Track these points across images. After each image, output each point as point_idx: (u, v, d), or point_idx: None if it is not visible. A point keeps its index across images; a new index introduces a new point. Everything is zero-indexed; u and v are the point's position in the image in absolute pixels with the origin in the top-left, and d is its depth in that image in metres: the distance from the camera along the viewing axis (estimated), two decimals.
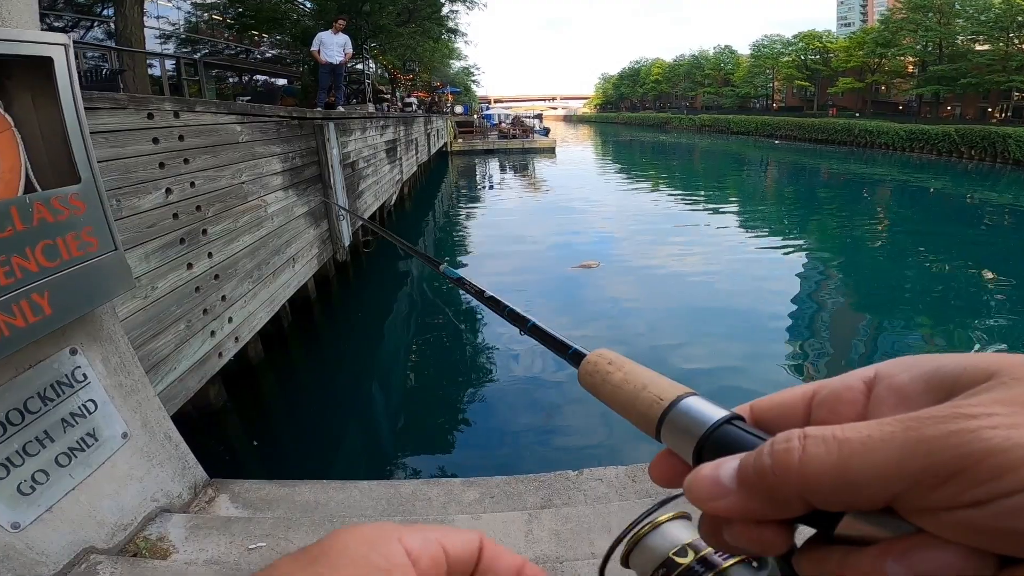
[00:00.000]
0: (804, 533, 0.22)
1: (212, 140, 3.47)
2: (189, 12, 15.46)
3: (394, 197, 11.78)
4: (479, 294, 0.66)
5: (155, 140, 2.88)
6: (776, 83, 55.45)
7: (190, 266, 3.19)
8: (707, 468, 0.23)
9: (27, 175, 1.67)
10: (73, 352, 1.95)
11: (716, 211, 14.75)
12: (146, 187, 2.81)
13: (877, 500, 0.19)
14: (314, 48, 8.05)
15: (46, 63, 1.68)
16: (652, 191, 18.86)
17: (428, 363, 6.07)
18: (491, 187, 21.24)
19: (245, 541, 2.10)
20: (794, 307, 7.21)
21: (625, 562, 0.32)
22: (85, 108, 2.44)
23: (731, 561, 0.28)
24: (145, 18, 13.46)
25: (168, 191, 3.00)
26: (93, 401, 2.00)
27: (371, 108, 11.97)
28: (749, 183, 22.21)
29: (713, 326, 6.42)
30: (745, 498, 0.21)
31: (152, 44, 13.68)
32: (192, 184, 3.23)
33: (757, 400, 0.27)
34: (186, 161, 3.17)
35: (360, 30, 11.74)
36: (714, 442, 0.25)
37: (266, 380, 5.34)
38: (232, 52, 17.79)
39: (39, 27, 1.78)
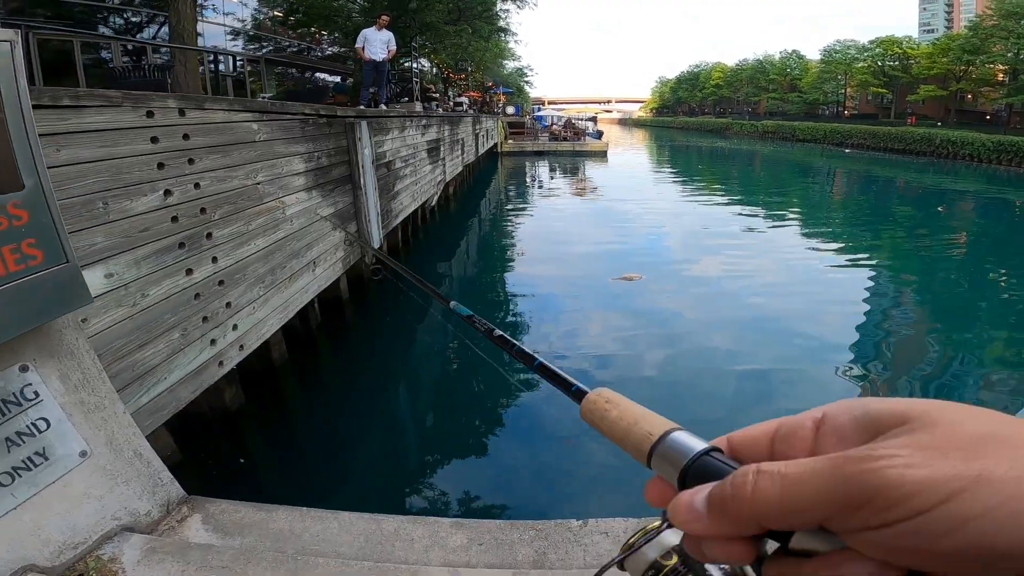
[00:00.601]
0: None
1: (224, 139, 3.33)
2: (255, 9, 15.98)
3: (435, 197, 11.67)
4: (488, 332, 0.66)
5: (154, 139, 2.74)
6: (848, 89, 52.19)
7: (189, 272, 3.06)
8: (685, 496, 0.28)
9: None
10: (24, 369, 1.79)
11: (775, 222, 13.85)
12: (141, 189, 2.68)
13: (812, 522, 0.24)
14: (359, 45, 7.99)
15: None
16: (707, 199, 18.02)
17: (447, 378, 5.83)
18: (539, 189, 21.05)
19: (200, 571, 1.90)
20: (856, 328, 6.52)
21: (621, 566, 0.38)
22: (72, 106, 2.34)
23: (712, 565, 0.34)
24: (213, 14, 14.03)
25: (167, 192, 2.86)
26: (45, 419, 1.84)
27: (419, 107, 11.92)
28: (814, 193, 20.88)
29: (762, 347, 5.86)
30: (714, 521, 0.26)
31: (220, 41, 14.19)
32: (196, 185, 3.09)
33: (734, 432, 0.31)
34: (191, 161, 3.04)
35: (408, 28, 11.71)
36: (695, 471, 0.29)
37: (288, 382, 5.26)
38: (295, 50, 18.33)
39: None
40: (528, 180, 23.90)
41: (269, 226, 3.95)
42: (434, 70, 20.56)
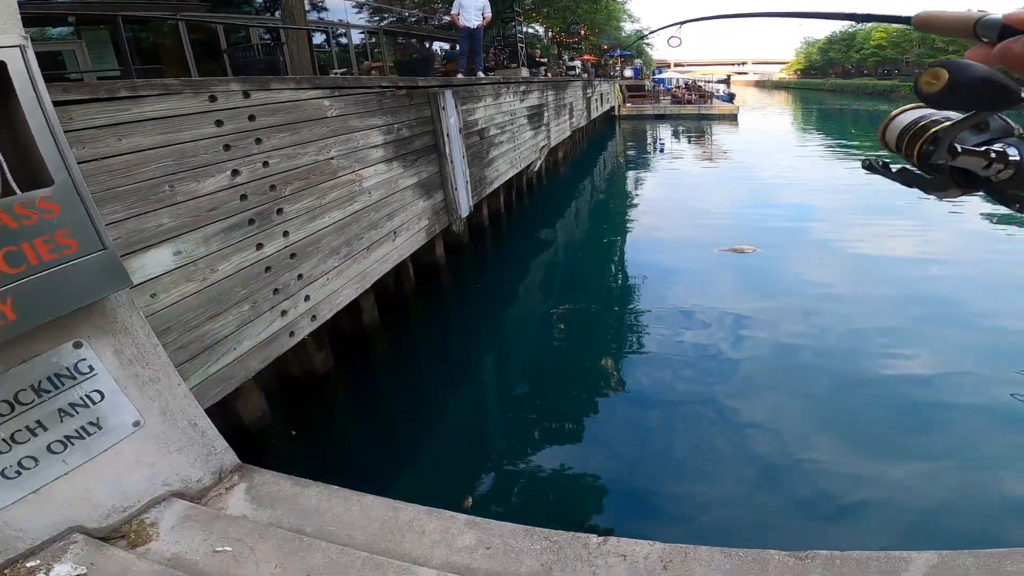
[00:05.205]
0: None
1: (292, 117, 3.41)
2: None
3: (539, 163, 11.40)
4: None
5: (218, 123, 2.85)
6: None
7: (260, 246, 3.21)
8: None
9: (4, 180, 1.64)
10: (77, 345, 1.97)
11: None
12: (207, 171, 2.82)
13: None
14: (453, 12, 7.90)
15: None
16: (859, 166, 15.55)
17: (530, 357, 5.68)
18: (659, 153, 20.09)
19: (218, 542, 2.02)
20: None
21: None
22: (130, 96, 2.48)
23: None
24: None
25: (235, 172, 2.99)
26: (99, 391, 2.03)
27: (524, 72, 11.60)
28: None
29: (899, 342, 4.87)
30: None
31: (344, 15, 14.96)
32: (265, 164, 3.20)
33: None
34: (258, 141, 3.14)
35: None
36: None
37: (380, 346, 5.50)
38: (414, 20, 18.83)
39: (19, 30, 1.69)
40: (647, 144, 22.84)
41: (344, 199, 4.04)
42: (549, 34, 19.92)
